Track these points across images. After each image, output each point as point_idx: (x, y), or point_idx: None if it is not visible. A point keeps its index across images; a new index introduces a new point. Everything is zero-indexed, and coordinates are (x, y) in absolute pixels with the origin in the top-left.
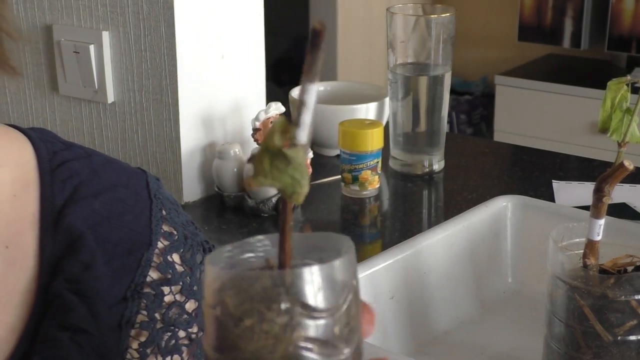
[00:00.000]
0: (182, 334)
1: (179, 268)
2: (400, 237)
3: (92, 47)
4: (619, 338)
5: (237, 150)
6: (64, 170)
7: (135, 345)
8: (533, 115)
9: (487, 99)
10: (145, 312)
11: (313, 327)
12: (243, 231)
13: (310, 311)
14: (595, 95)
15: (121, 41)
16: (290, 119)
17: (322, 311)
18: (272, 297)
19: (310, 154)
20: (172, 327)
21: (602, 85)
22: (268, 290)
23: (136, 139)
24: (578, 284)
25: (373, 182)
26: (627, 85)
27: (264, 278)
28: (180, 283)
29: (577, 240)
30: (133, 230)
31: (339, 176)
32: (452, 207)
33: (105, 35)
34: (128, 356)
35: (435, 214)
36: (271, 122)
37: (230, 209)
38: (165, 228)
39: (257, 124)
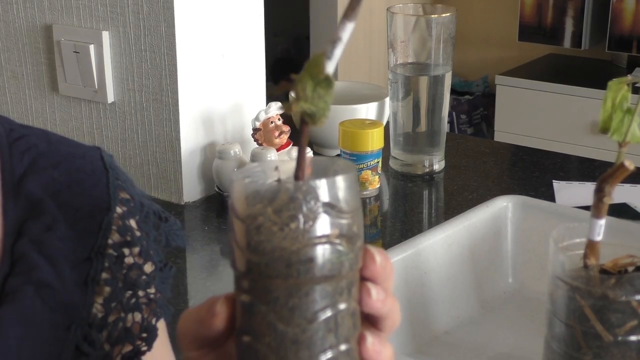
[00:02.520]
0: (141, 293)
1: (137, 232)
2: (401, 237)
3: (92, 47)
4: (619, 338)
5: (237, 150)
6: (22, 144)
7: (100, 300)
8: (533, 115)
9: (487, 99)
10: (109, 272)
11: (341, 226)
12: None
13: (340, 213)
14: (595, 95)
15: (121, 41)
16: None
17: (347, 213)
18: (309, 203)
19: (311, 154)
20: (133, 287)
21: (603, 85)
22: (304, 198)
23: (136, 139)
24: (579, 284)
25: (373, 182)
26: (628, 85)
27: (298, 189)
28: (139, 246)
29: (578, 240)
30: (92, 197)
31: None
32: (453, 207)
33: (105, 35)
34: (94, 310)
35: (435, 214)
36: (271, 122)
37: None
38: (122, 195)
39: (257, 124)
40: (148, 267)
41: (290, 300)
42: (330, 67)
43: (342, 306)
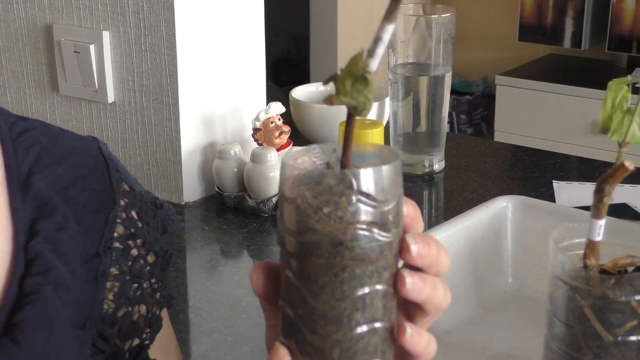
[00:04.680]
0: (146, 284)
1: (139, 223)
2: None
3: (92, 47)
4: (619, 338)
5: (237, 150)
6: (25, 139)
7: (110, 296)
8: (533, 115)
9: (487, 99)
10: (117, 266)
11: (374, 214)
12: (243, 231)
13: (373, 202)
14: (595, 96)
15: (121, 41)
16: (367, 51)
17: (382, 202)
18: (344, 190)
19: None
20: (138, 279)
21: (603, 86)
22: (341, 185)
23: (136, 139)
24: (578, 284)
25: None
26: (628, 85)
27: (337, 176)
28: (142, 237)
29: (578, 240)
30: (97, 191)
31: None
32: (453, 207)
33: (106, 35)
34: (105, 307)
35: (435, 214)
36: (271, 122)
37: (230, 209)
38: (124, 187)
39: (257, 124)
40: (151, 258)
41: (320, 278)
42: (373, 65)
43: (372, 288)
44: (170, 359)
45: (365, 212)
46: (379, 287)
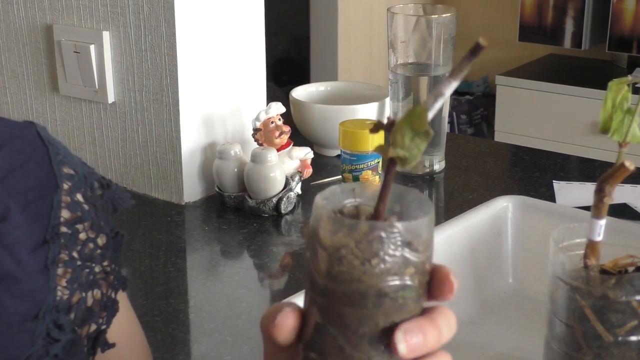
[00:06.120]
0: (97, 268)
1: (85, 206)
2: None
3: (92, 47)
4: (619, 338)
5: (237, 150)
6: None
7: (63, 283)
8: (534, 115)
9: (487, 99)
10: (66, 252)
11: (416, 264)
12: (243, 231)
13: (417, 253)
14: (596, 96)
15: (122, 41)
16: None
17: (424, 252)
18: (392, 244)
19: (311, 154)
20: (89, 263)
21: (603, 86)
22: (389, 236)
23: (137, 139)
24: (579, 285)
25: (374, 182)
26: (628, 85)
27: (384, 226)
28: (90, 220)
29: (578, 240)
30: (38, 177)
31: (340, 176)
32: (453, 208)
33: (106, 35)
34: (59, 294)
35: (435, 214)
36: (272, 123)
37: (231, 209)
38: (66, 170)
39: (258, 124)
40: (101, 240)
41: (360, 328)
42: (429, 118)
43: None
44: (134, 341)
45: (410, 263)
46: None
